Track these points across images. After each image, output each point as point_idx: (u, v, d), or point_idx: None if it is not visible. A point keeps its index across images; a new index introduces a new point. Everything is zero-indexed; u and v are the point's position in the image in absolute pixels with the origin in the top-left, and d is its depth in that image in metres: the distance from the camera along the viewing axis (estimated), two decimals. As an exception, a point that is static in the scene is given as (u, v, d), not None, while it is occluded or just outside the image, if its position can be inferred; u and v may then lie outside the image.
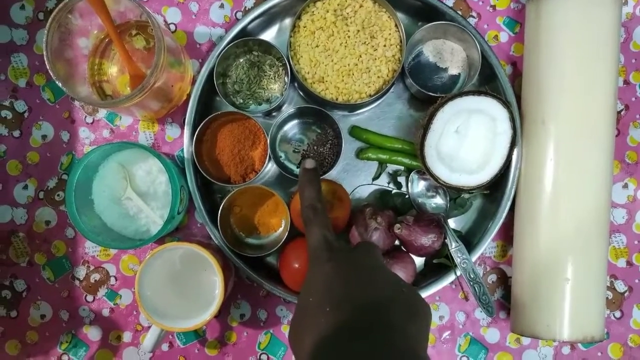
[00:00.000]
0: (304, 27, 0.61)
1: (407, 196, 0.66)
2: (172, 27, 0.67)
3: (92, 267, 0.67)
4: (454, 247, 0.63)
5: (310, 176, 0.53)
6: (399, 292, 0.41)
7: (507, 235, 0.67)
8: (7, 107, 0.67)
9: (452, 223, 0.67)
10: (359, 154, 0.66)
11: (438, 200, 0.66)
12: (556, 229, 0.59)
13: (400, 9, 0.65)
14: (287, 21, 0.67)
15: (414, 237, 0.60)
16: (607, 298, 0.66)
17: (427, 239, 0.60)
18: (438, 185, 0.63)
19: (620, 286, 0.68)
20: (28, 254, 0.67)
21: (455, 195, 0.66)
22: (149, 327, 0.60)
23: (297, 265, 0.61)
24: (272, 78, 0.65)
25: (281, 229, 0.65)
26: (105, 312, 0.67)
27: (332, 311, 0.39)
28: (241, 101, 0.65)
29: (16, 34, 0.67)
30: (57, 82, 0.53)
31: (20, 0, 0.67)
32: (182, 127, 0.66)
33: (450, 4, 0.67)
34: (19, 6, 0.67)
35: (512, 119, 0.60)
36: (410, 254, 0.63)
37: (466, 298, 0.67)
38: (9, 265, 0.67)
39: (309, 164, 0.53)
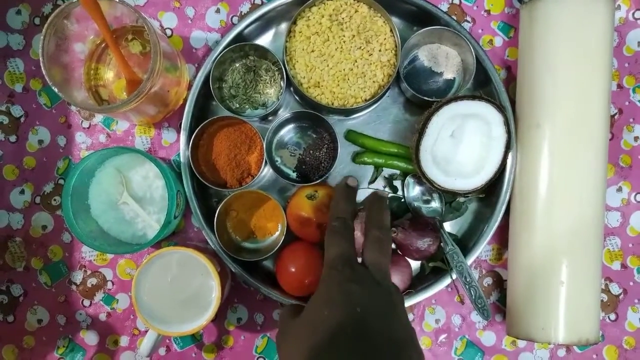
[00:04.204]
0: (300, 32, 0.61)
1: (402, 200, 0.66)
2: (168, 32, 0.67)
3: (88, 272, 0.67)
4: (450, 250, 0.63)
5: (351, 193, 0.54)
6: (410, 347, 0.41)
7: (502, 238, 0.67)
8: (4, 111, 0.67)
9: (447, 227, 0.67)
10: (355, 158, 0.66)
11: (434, 204, 0.66)
12: (551, 232, 0.60)
13: (396, 14, 0.65)
14: (283, 26, 0.67)
15: (409, 240, 0.60)
16: (602, 300, 0.66)
17: (423, 243, 0.60)
18: (433, 189, 0.63)
19: (615, 289, 0.68)
20: (25, 258, 0.67)
21: (451, 199, 0.66)
22: (146, 332, 0.61)
23: (293, 270, 0.62)
24: (268, 82, 0.65)
25: (277, 233, 0.66)
26: (102, 317, 0.67)
27: (354, 337, 0.39)
28: (237, 106, 0.65)
29: (12, 38, 0.67)
30: (53, 88, 0.53)
31: (16, 5, 0.67)
32: (179, 132, 0.66)
33: (445, 9, 0.67)
34: (15, 11, 0.67)
35: (507, 123, 0.61)
36: (406, 258, 0.63)
37: (462, 301, 0.68)
38: (5, 270, 0.67)
39: (352, 182, 0.56)
